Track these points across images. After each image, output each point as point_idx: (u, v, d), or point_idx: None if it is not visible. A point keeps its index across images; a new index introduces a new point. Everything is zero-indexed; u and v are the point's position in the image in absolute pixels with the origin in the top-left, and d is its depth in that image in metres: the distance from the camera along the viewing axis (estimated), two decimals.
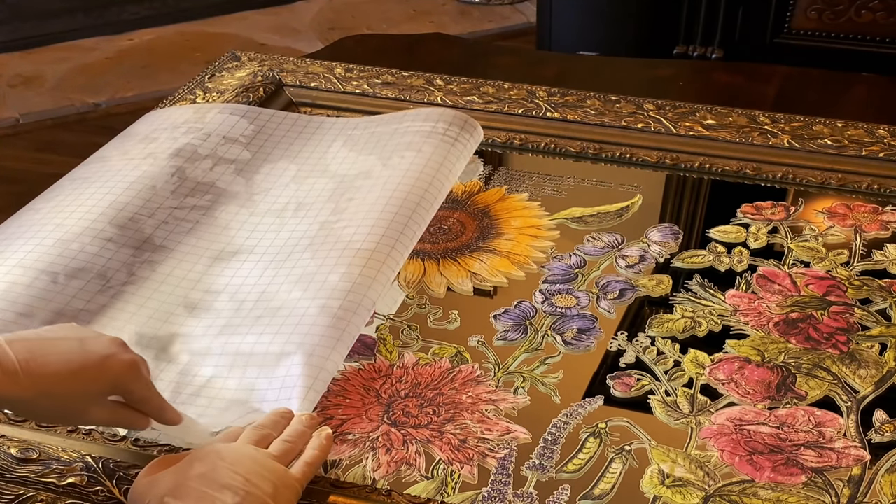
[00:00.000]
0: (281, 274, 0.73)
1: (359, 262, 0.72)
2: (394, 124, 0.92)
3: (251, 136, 0.90)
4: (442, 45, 1.28)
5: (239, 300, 0.71)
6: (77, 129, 2.18)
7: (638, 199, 0.87)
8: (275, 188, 0.84)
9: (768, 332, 0.70)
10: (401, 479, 0.59)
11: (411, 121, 0.91)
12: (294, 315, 0.68)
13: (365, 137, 0.90)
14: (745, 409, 0.63)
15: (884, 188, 0.86)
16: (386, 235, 0.75)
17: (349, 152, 0.88)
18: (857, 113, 0.96)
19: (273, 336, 0.66)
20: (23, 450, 0.59)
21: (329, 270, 0.72)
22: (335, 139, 0.91)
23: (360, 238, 0.75)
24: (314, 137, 0.92)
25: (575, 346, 0.70)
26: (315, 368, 0.63)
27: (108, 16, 2.65)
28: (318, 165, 0.87)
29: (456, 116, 0.92)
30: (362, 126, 0.93)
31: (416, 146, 0.87)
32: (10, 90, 2.32)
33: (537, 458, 0.60)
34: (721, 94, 1.10)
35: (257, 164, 0.88)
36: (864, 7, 1.67)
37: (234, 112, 0.93)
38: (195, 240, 0.78)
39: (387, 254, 0.74)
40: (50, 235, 0.74)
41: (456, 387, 0.66)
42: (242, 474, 0.51)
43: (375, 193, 0.81)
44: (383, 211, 0.78)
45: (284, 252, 0.76)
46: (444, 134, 0.89)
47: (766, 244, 0.81)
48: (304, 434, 0.57)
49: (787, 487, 0.58)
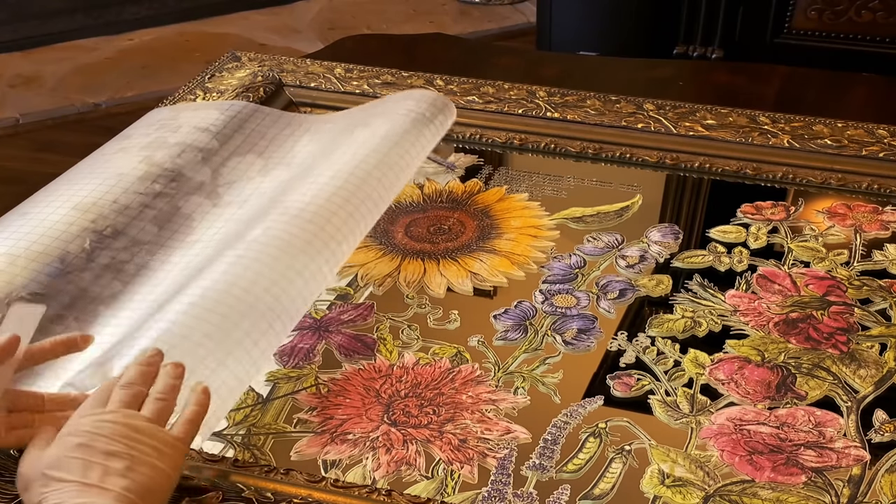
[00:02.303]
0: (227, 254, 0.73)
1: (298, 224, 0.71)
2: (370, 110, 0.92)
3: (220, 127, 0.90)
4: (442, 45, 1.28)
5: (189, 291, 0.71)
6: (77, 129, 2.18)
7: (638, 199, 0.87)
8: (240, 181, 0.84)
9: (768, 332, 0.70)
10: (401, 478, 0.59)
11: (388, 103, 0.91)
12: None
13: (335, 131, 0.90)
14: (745, 409, 0.63)
15: (884, 188, 0.86)
16: (330, 201, 0.73)
17: (315, 146, 0.88)
18: (857, 113, 0.96)
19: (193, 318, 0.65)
20: (23, 449, 0.59)
21: (254, 225, 0.72)
22: (304, 133, 0.91)
23: (300, 204, 0.74)
24: (284, 132, 0.92)
25: (575, 346, 0.70)
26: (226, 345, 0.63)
27: (108, 16, 2.65)
28: (284, 159, 0.87)
29: (434, 99, 0.90)
30: (336, 119, 0.93)
31: (372, 126, 0.87)
32: (10, 90, 2.32)
33: (537, 458, 0.60)
34: (721, 94, 1.10)
35: (225, 155, 0.87)
36: (864, 7, 1.67)
37: (210, 106, 0.93)
38: (156, 228, 0.77)
39: (327, 219, 0.72)
40: (20, 222, 0.75)
41: (456, 387, 0.66)
42: (123, 441, 0.51)
43: (324, 171, 0.80)
44: (329, 182, 0.76)
45: (238, 236, 0.76)
46: (409, 114, 0.87)
47: (766, 244, 0.81)
48: (174, 387, 0.57)
49: (787, 487, 0.58)
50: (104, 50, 2.54)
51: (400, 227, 0.84)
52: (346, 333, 0.72)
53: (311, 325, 0.72)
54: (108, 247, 0.74)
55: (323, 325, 0.72)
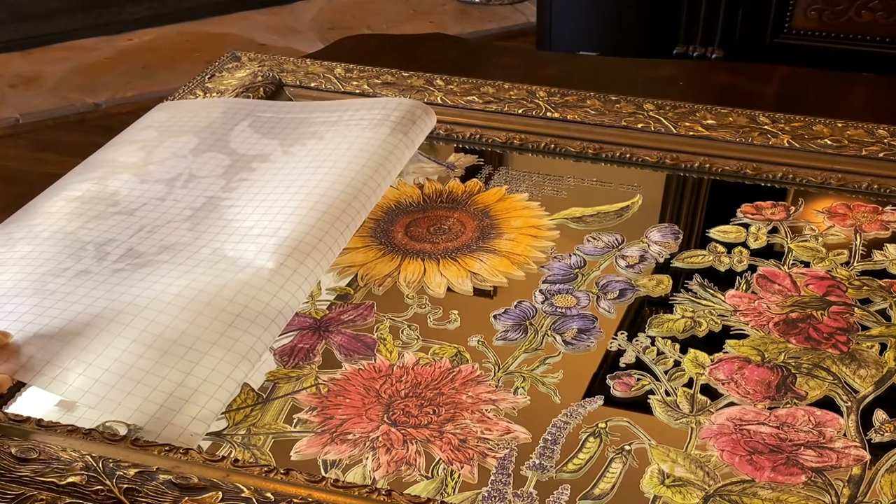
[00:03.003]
0: (154, 238, 0.75)
1: (239, 241, 0.74)
2: (329, 112, 0.93)
3: (164, 121, 0.91)
4: (442, 45, 1.28)
5: (110, 259, 0.73)
6: (77, 129, 2.18)
7: (638, 199, 0.87)
8: (171, 159, 0.86)
9: (768, 332, 0.71)
10: (401, 479, 0.59)
11: (348, 110, 0.92)
12: (146, 266, 0.71)
13: (273, 121, 0.91)
14: (745, 409, 0.63)
15: (884, 188, 0.86)
16: (280, 226, 0.75)
17: (253, 133, 0.89)
18: (857, 113, 0.96)
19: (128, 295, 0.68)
20: (23, 449, 0.59)
21: (204, 244, 0.74)
22: (244, 119, 0.92)
23: (243, 218, 0.77)
24: (223, 116, 0.93)
25: (575, 346, 0.70)
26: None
27: (108, 16, 2.66)
28: (220, 141, 0.88)
29: (403, 106, 0.91)
30: (274, 110, 0.94)
31: (320, 135, 0.87)
32: (10, 90, 2.32)
33: (537, 458, 0.60)
34: (721, 94, 1.10)
35: (161, 140, 0.89)
36: (864, 7, 1.67)
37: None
38: (79, 203, 0.79)
39: (270, 235, 0.74)
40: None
41: (456, 387, 0.66)
42: None
43: (272, 181, 0.82)
44: (283, 204, 0.78)
45: (164, 219, 0.78)
46: (373, 123, 0.88)
47: (766, 244, 0.81)
48: None
49: (787, 487, 0.58)
50: (104, 50, 2.54)
51: (400, 227, 0.84)
52: (346, 333, 0.72)
53: (311, 325, 0.72)
54: (28, 223, 0.76)
55: (323, 325, 0.72)
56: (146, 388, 0.61)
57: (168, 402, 0.61)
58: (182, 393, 0.62)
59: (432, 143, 0.97)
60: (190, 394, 0.62)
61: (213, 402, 0.62)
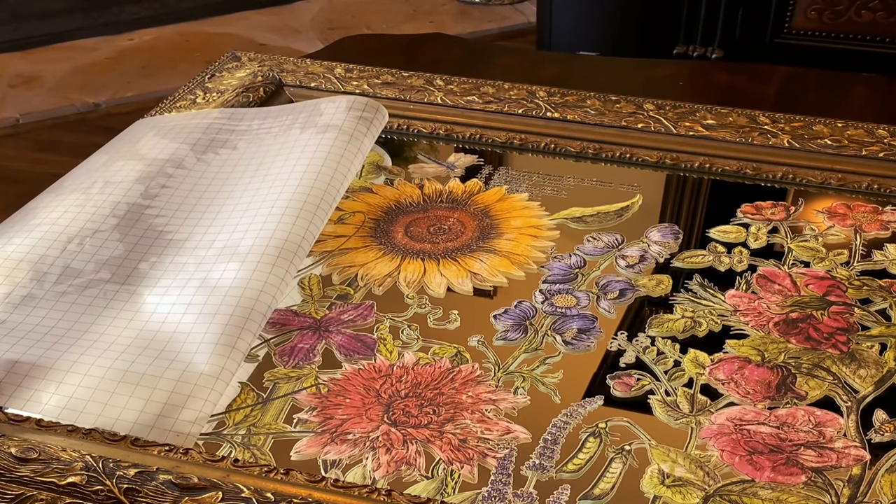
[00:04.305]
0: (86, 250, 0.75)
1: (176, 254, 0.74)
2: (250, 121, 0.93)
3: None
4: (442, 45, 1.28)
5: (49, 280, 0.72)
6: (77, 129, 2.18)
7: (638, 199, 0.87)
8: (84, 172, 0.85)
9: (768, 332, 0.71)
10: (401, 479, 0.59)
11: (267, 118, 0.92)
12: (92, 288, 0.71)
13: (178, 128, 0.92)
14: (745, 409, 0.63)
15: (884, 188, 0.86)
16: (216, 234, 0.76)
17: (160, 139, 0.90)
18: (857, 113, 0.96)
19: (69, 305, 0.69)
20: (23, 449, 0.59)
21: (140, 257, 0.74)
22: (151, 129, 0.92)
23: (173, 230, 0.77)
24: (138, 128, 0.93)
25: (575, 346, 0.70)
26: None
27: (108, 16, 2.66)
28: (130, 151, 0.88)
29: (352, 103, 0.91)
30: (183, 118, 0.94)
31: (233, 143, 0.88)
32: (10, 90, 2.32)
33: (537, 458, 0.60)
34: (721, 94, 1.10)
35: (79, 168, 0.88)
36: (864, 7, 1.67)
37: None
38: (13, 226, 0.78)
39: (209, 246, 0.75)
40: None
41: (456, 387, 0.66)
42: None
43: (193, 189, 0.82)
44: (210, 209, 0.78)
45: (88, 228, 0.77)
46: (294, 126, 0.89)
47: (766, 244, 0.81)
48: None
49: (787, 487, 0.58)
50: (104, 50, 2.54)
51: (400, 227, 0.84)
52: (346, 333, 0.72)
53: (311, 325, 0.72)
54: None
55: (323, 325, 0.72)
56: (122, 397, 0.62)
57: (148, 409, 0.61)
58: (167, 398, 0.62)
59: (432, 143, 0.97)
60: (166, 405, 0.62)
61: (186, 411, 0.62)
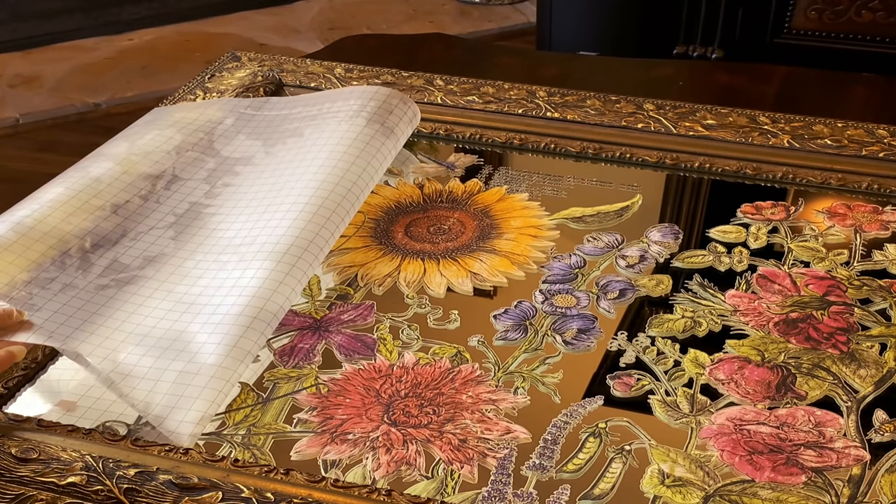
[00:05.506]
0: (138, 246, 0.75)
1: (221, 252, 0.74)
2: (309, 106, 0.92)
3: (149, 121, 0.90)
4: (442, 45, 1.28)
5: (94, 271, 0.72)
6: (77, 129, 2.18)
7: (638, 199, 0.87)
8: (155, 153, 0.84)
9: (768, 332, 0.71)
10: (401, 479, 0.59)
11: (326, 102, 0.91)
12: (132, 284, 0.71)
13: (257, 119, 0.91)
14: (745, 409, 0.63)
15: (884, 188, 0.86)
16: (265, 238, 0.75)
17: (236, 133, 0.89)
18: (857, 113, 0.96)
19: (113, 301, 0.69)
20: (23, 449, 0.59)
21: (188, 255, 0.74)
22: (227, 116, 0.91)
23: (226, 227, 0.76)
24: (209, 110, 0.91)
25: (575, 346, 0.70)
26: None
27: (108, 16, 2.66)
28: (203, 140, 0.87)
29: (379, 95, 0.90)
30: (255, 106, 0.93)
31: (300, 132, 0.87)
32: (10, 90, 2.32)
33: (537, 458, 0.60)
34: (721, 94, 1.10)
35: (144, 132, 0.87)
36: (864, 7, 1.67)
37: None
38: (62, 189, 0.78)
39: (256, 251, 0.74)
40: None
41: (456, 387, 0.66)
42: None
43: (254, 185, 0.81)
44: (264, 209, 0.77)
45: (147, 224, 0.77)
46: (349, 114, 0.87)
47: (766, 244, 0.81)
48: None
49: (787, 487, 0.58)
50: (104, 50, 2.54)
51: (400, 227, 0.84)
52: (346, 333, 0.72)
53: (311, 325, 0.72)
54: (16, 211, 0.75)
55: (323, 325, 0.72)
56: (150, 381, 0.63)
57: (167, 397, 0.61)
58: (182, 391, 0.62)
59: (432, 143, 0.97)
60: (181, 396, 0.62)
61: (199, 402, 0.62)
